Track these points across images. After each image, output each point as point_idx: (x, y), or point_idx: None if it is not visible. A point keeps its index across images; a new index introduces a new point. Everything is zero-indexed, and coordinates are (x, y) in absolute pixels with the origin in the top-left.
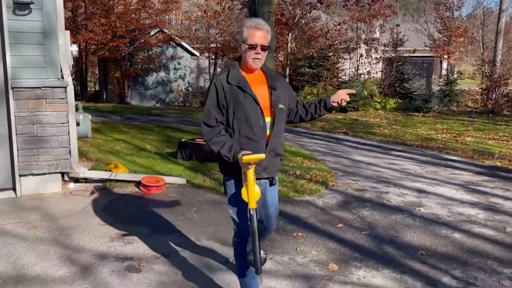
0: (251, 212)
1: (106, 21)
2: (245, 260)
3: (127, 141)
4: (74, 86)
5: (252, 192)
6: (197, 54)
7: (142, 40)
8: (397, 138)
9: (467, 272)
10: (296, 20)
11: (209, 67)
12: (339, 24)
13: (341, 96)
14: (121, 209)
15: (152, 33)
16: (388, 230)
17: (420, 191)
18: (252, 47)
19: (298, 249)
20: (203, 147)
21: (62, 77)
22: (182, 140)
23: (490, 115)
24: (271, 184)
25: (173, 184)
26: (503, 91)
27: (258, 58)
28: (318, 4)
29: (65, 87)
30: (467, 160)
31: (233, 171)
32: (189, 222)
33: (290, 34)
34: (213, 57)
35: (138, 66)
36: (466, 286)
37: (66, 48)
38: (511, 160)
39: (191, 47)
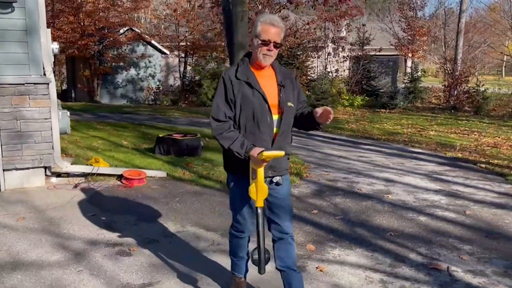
0: (259, 211)
1: (74, 19)
2: (242, 248)
3: (104, 137)
4: (56, 82)
5: (261, 190)
6: (167, 52)
7: (112, 39)
8: (365, 133)
9: (431, 249)
10: None
11: (179, 66)
12: (307, 24)
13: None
14: (105, 201)
15: (121, 31)
16: (359, 214)
17: (388, 180)
18: (265, 43)
19: None
20: (181, 142)
21: (44, 74)
22: (160, 135)
23: (452, 110)
24: (277, 184)
25: (154, 177)
26: (464, 88)
27: (269, 55)
28: (288, 4)
29: (48, 84)
30: (431, 152)
31: (240, 169)
32: (173, 211)
33: None
34: (183, 55)
35: (108, 64)
36: (431, 261)
37: (48, 46)
38: (471, 152)
39: (161, 45)
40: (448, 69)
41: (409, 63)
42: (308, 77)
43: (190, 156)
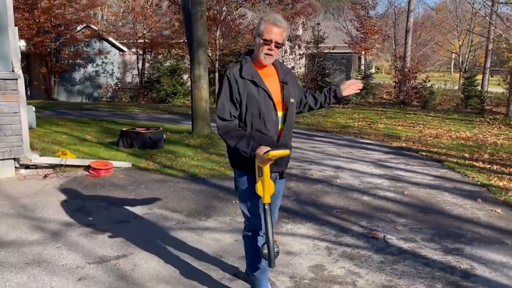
0: (266, 207)
1: (29, 16)
2: (257, 254)
3: (67, 133)
4: (25, 78)
5: (268, 187)
6: (125, 49)
7: (69, 36)
8: (319, 126)
9: (371, 222)
10: (222, 17)
11: (137, 63)
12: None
13: (351, 89)
14: (75, 189)
15: (78, 28)
16: (310, 196)
17: (337, 167)
18: (267, 42)
19: (237, 212)
20: (144, 135)
21: (13, 70)
22: (123, 129)
23: (402, 105)
24: (281, 177)
25: (120, 167)
26: (412, 84)
27: (270, 55)
28: (244, 2)
29: (17, 79)
30: (378, 143)
31: (247, 167)
32: (140, 196)
33: (218, 31)
34: (141, 52)
35: (65, 62)
36: (370, 231)
37: (16, 43)
38: (414, 142)
39: (119, 42)
40: (398, 66)
41: (362, 61)
42: None
43: (153, 149)
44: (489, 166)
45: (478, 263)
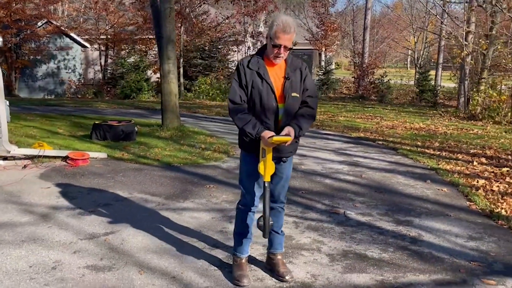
0: (266, 185)
1: None
2: (245, 224)
3: (38, 127)
4: (3, 73)
5: (269, 167)
6: (88, 45)
7: (29, 31)
8: None
9: (333, 201)
10: (186, 13)
11: (100, 59)
12: (227, 18)
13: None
14: (56, 177)
15: (39, 24)
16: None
17: (301, 155)
18: (276, 46)
19: (212, 195)
20: (117, 128)
21: None
22: (96, 122)
23: (360, 99)
24: (283, 161)
25: (96, 158)
26: (370, 79)
27: (280, 57)
28: None
29: None
30: (339, 134)
31: (253, 148)
32: (119, 183)
33: (182, 27)
34: (104, 48)
35: (26, 57)
36: (332, 208)
37: None
38: (372, 132)
39: (81, 38)
40: (357, 62)
41: (323, 57)
42: (230, 70)
43: (125, 141)
44: (438, 152)
45: (425, 231)
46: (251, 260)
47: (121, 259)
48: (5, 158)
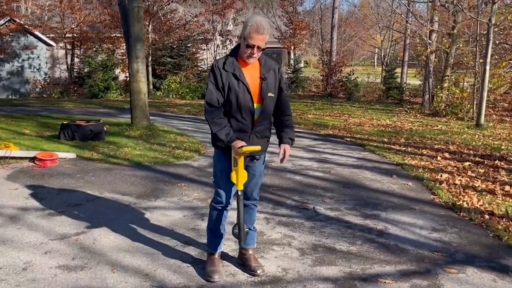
0: (239, 193)
1: None
2: (217, 222)
3: (3, 127)
4: None
5: (241, 176)
6: (53, 44)
7: None
8: None
9: (303, 197)
10: (154, 11)
11: (66, 57)
12: (196, 16)
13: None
14: (24, 178)
15: (1, 22)
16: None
17: (271, 153)
18: (250, 46)
19: (183, 193)
20: (85, 128)
21: None
22: (64, 122)
23: (329, 97)
24: (256, 159)
25: (65, 158)
26: (338, 77)
27: (253, 57)
28: None
29: None
30: (308, 131)
31: (222, 148)
32: (89, 183)
33: (150, 25)
34: (70, 47)
35: None
36: (302, 204)
37: None
38: (340, 130)
39: (46, 37)
40: (325, 60)
41: (292, 55)
42: (199, 68)
43: (94, 141)
44: (404, 148)
45: (391, 224)
46: (224, 255)
47: (93, 259)
48: None
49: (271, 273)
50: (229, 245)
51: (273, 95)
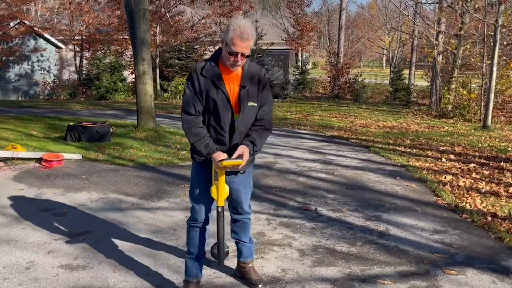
0: (219, 210)
1: None
2: (194, 242)
3: (11, 129)
4: None
5: (222, 191)
6: (62, 46)
7: (1, 32)
8: None
9: (305, 198)
10: (162, 13)
11: (74, 59)
12: (203, 18)
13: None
14: (30, 179)
15: (11, 24)
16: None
17: (276, 154)
18: (233, 54)
19: (186, 194)
20: (91, 129)
21: None
22: (71, 123)
23: (336, 99)
24: (237, 173)
25: (70, 159)
26: (346, 78)
27: (237, 64)
28: None
29: None
30: (313, 132)
31: (204, 160)
32: (94, 183)
33: (158, 27)
34: (79, 49)
35: None
36: (304, 205)
37: None
38: (346, 131)
39: (55, 39)
40: (332, 61)
41: (299, 57)
42: None
43: (100, 142)
44: (409, 150)
45: (393, 226)
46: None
47: (95, 258)
48: None
49: (270, 273)
50: (230, 245)
51: (255, 104)
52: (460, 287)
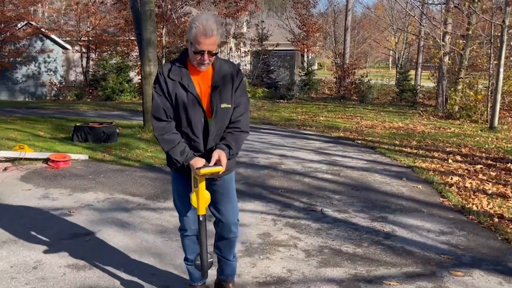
0: (201, 218)
1: None
2: (190, 250)
3: (18, 129)
4: None
5: (202, 199)
6: (69, 47)
7: (9, 34)
8: (265, 119)
9: (311, 199)
10: (168, 14)
11: (81, 60)
12: None
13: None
14: (37, 179)
15: (19, 25)
16: (257, 179)
17: (282, 155)
18: (198, 52)
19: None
20: (98, 130)
21: None
22: (77, 124)
23: (342, 100)
24: (216, 179)
25: (77, 160)
26: (352, 79)
27: (205, 64)
28: (190, 0)
29: None
30: (319, 133)
31: (179, 167)
32: (100, 184)
33: (164, 29)
34: (85, 50)
35: (6, 59)
36: (310, 206)
37: None
38: (352, 132)
39: (62, 40)
40: (338, 62)
41: (305, 57)
42: None
43: (107, 142)
44: (415, 151)
45: (399, 227)
46: None
47: (102, 258)
48: None
49: (276, 274)
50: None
51: (229, 105)
52: None
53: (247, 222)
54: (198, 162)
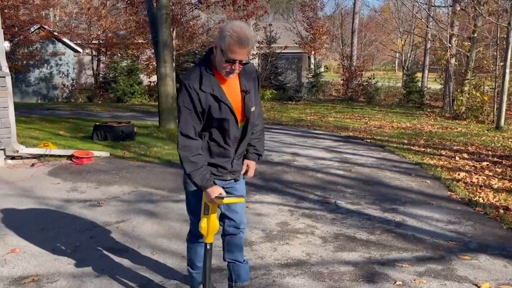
0: (208, 247)
1: None
2: (198, 257)
3: (39, 129)
4: (11, 76)
5: (212, 227)
6: (80, 50)
7: (22, 37)
8: (275, 120)
9: (324, 192)
10: (178, 18)
11: (92, 63)
12: (219, 23)
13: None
14: (64, 174)
15: (32, 29)
16: (272, 175)
17: (294, 153)
18: (230, 61)
19: None
20: (117, 128)
21: (1, 69)
22: (97, 123)
23: (349, 101)
24: (235, 180)
25: (99, 157)
26: (359, 81)
27: (233, 73)
28: (199, 4)
29: (5, 77)
30: (329, 133)
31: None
32: (124, 178)
33: (174, 31)
34: (96, 53)
35: (19, 62)
36: (324, 198)
37: (1, 44)
38: (361, 132)
39: (74, 43)
40: (345, 64)
41: (312, 60)
42: None
43: (125, 141)
44: (423, 149)
45: (409, 217)
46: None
47: (134, 243)
48: (13, 158)
49: (296, 257)
50: (256, 233)
51: (254, 108)
52: (474, 270)
53: (265, 212)
54: (215, 190)
